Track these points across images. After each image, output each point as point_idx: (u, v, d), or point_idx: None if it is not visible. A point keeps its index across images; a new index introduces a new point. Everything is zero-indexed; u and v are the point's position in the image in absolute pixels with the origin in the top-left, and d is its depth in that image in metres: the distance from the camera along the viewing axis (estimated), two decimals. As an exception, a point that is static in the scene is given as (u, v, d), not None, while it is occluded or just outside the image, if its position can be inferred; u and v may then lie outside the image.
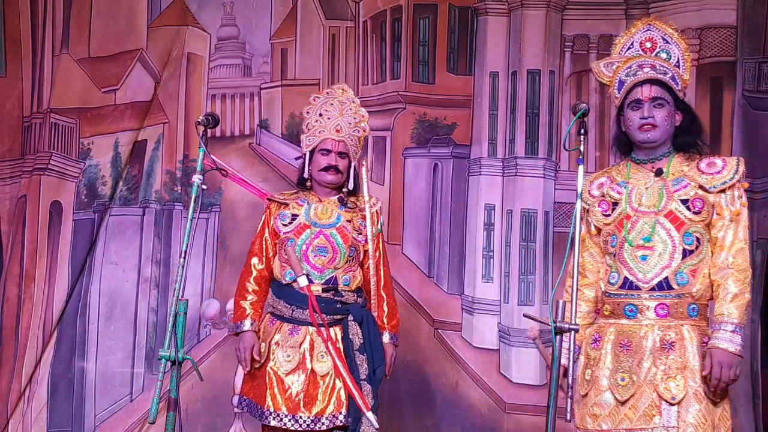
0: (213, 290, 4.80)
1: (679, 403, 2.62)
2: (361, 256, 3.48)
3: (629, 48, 2.96)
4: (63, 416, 4.76)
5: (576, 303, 2.47)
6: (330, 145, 3.43)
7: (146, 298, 4.82)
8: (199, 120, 2.84)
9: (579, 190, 2.55)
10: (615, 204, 2.82)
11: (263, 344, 3.36)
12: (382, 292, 3.49)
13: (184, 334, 2.61)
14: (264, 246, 3.48)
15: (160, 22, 4.97)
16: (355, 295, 3.42)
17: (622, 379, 2.67)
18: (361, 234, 3.44)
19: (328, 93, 3.57)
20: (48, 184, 4.91)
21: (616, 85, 2.88)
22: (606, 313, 2.81)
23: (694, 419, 2.61)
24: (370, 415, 3.19)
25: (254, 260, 3.48)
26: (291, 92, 4.86)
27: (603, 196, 2.86)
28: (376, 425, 3.19)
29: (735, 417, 4.08)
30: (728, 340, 2.62)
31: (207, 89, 4.93)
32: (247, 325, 3.38)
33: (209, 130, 2.86)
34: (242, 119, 4.91)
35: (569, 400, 2.45)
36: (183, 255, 2.65)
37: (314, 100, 3.56)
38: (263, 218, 3.53)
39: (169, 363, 2.59)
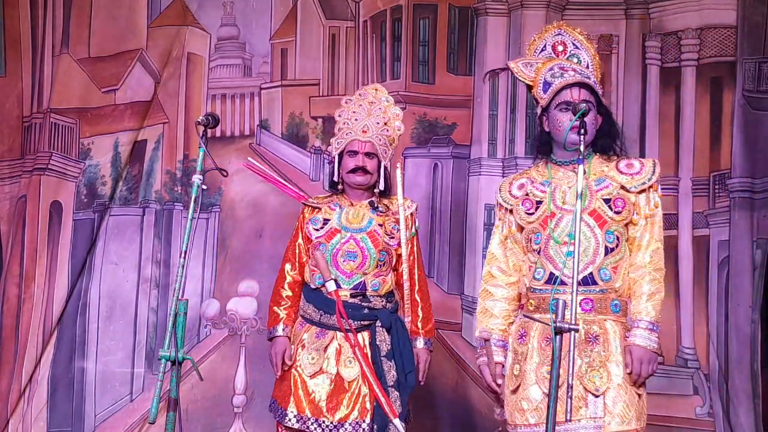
0: (213, 290, 4.80)
1: (603, 394, 2.73)
2: (394, 260, 3.46)
3: (542, 50, 3.07)
4: (63, 416, 4.76)
5: (575, 302, 2.47)
6: (357, 146, 3.43)
7: (146, 298, 4.81)
8: (199, 120, 2.84)
9: (579, 190, 2.55)
10: (539, 203, 2.92)
11: (293, 347, 3.37)
12: (416, 296, 3.47)
13: (184, 334, 2.60)
14: (297, 251, 3.49)
15: (160, 22, 4.96)
16: (384, 300, 3.41)
17: (548, 372, 2.70)
18: (393, 238, 3.43)
19: (360, 95, 3.57)
20: (48, 184, 4.90)
21: (541, 86, 2.95)
22: (531, 308, 2.90)
23: (620, 410, 2.73)
24: (397, 422, 3.16)
25: (287, 266, 3.50)
26: (291, 92, 4.86)
27: (526, 195, 2.96)
28: None
29: (735, 417, 4.11)
30: (646, 338, 2.77)
31: (207, 89, 4.93)
32: (279, 330, 3.40)
33: (209, 130, 2.86)
34: (242, 119, 4.91)
35: (569, 400, 2.45)
36: (183, 255, 2.65)
37: (346, 102, 3.56)
38: (297, 224, 3.55)
39: (169, 363, 2.58)
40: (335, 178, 3.49)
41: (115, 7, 5.00)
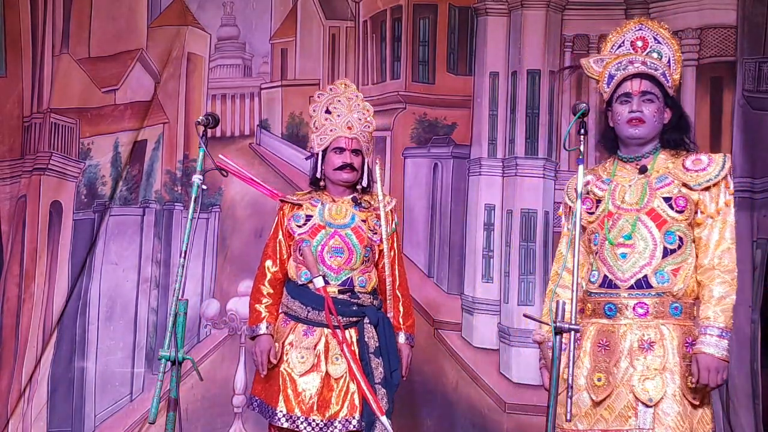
0: (213, 290, 4.80)
1: (656, 404, 2.59)
2: (377, 256, 3.45)
3: (620, 46, 2.93)
4: (63, 416, 4.76)
5: (575, 302, 2.45)
6: (343, 143, 3.40)
7: (146, 298, 4.82)
8: (199, 120, 2.84)
9: (579, 190, 2.53)
10: (599, 201, 2.80)
11: (277, 345, 3.33)
12: (397, 291, 3.45)
13: (184, 334, 2.60)
14: (278, 248, 3.45)
15: (160, 22, 4.97)
16: (371, 297, 3.39)
17: (599, 379, 2.66)
18: (376, 234, 3.41)
19: (331, 89, 3.53)
20: (48, 184, 4.91)
21: (606, 79, 2.85)
22: (588, 312, 2.78)
23: (672, 422, 2.58)
24: (384, 419, 3.14)
25: (268, 263, 3.44)
26: (291, 92, 4.86)
27: (588, 193, 2.82)
28: (391, 430, 3.15)
29: (735, 417, 4.11)
30: (715, 345, 2.58)
31: (207, 89, 4.93)
32: (262, 328, 3.34)
33: (209, 130, 2.86)
34: (242, 119, 4.91)
35: (569, 400, 2.44)
36: (183, 255, 2.65)
37: (318, 97, 3.53)
38: (276, 220, 3.51)
39: (169, 363, 2.58)
40: (318, 175, 3.47)
41: (115, 7, 5.00)
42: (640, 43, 2.90)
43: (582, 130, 2.58)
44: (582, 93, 4.52)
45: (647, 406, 2.59)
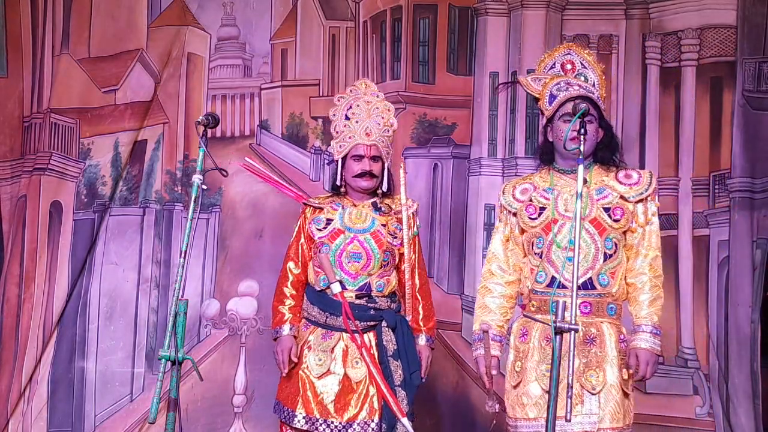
0: (213, 290, 4.80)
1: (598, 393, 2.89)
2: (397, 259, 3.46)
3: (551, 68, 3.22)
4: (63, 416, 4.76)
5: (575, 302, 2.50)
6: (362, 151, 3.42)
7: (146, 298, 4.82)
8: (199, 120, 2.84)
9: (579, 190, 2.58)
10: (542, 209, 3.06)
11: (299, 347, 3.36)
12: (417, 294, 3.48)
13: (184, 334, 2.61)
14: (300, 250, 3.48)
15: (160, 22, 4.96)
16: (389, 300, 3.41)
17: (547, 371, 2.86)
18: (396, 238, 3.42)
19: (351, 91, 3.55)
20: (48, 184, 4.90)
21: (547, 98, 3.12)
22: (533, 309, 3.04)
23: (611, 408, 2.88)
24: (405, 421, 3.18)
25: (290, 264, 3.48)
26: (291, 93, 4.86)
27: (530, 201, 3.09)
28: (411, 431, 3.18)
29: (735, 417, 4.11)
30: (651, 341, 2.93)
31: (207, 89, 4.93)
32: (286, 329, 3.38)
33: (209, 130, 2.86)
34: (242, 120, 4.91)
35: (569, 400, 2.46)
36: (183, 255, 2.65)
37: (338, 100, 3.55)
38: (299, 223, 3.53)
39: (169, 363, 2.59)
40: (339, 182, 3.47)
41: (115, 7, 5.00)
42: (569, 66, 3.19)
43: (582, 130, 2.65)
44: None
45: (592, 394, 2.89)
